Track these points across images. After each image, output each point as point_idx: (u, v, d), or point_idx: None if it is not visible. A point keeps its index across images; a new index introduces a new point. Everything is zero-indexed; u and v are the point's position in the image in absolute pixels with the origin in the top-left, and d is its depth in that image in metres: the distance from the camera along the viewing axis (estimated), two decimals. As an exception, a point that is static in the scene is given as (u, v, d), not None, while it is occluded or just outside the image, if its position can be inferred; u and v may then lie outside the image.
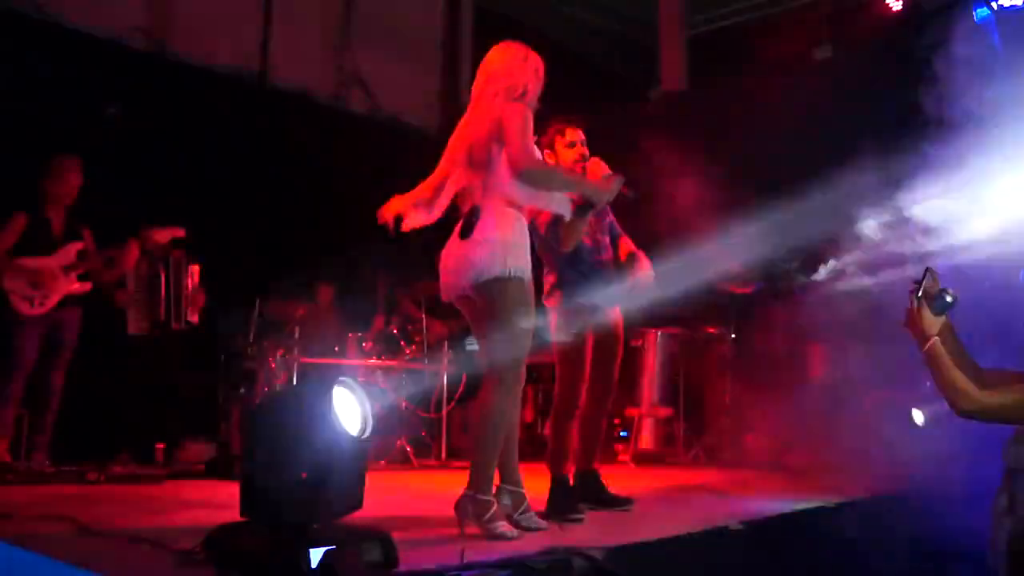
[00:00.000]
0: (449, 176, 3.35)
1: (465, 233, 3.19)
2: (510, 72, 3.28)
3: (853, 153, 5.32)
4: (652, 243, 4.36)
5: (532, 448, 6.12)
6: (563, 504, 3.71)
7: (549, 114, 3.59)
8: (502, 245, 3.13)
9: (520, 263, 3.16)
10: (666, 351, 7.39)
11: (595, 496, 4.03)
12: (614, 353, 4.11)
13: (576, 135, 4.09)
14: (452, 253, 3.24)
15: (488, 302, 3.17)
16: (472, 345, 6.67)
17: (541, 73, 3.35)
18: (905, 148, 4.57)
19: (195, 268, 6.15)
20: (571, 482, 3.95)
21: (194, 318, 6.11)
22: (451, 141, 3.40)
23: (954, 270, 2.56)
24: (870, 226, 5.10)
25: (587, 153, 4.07)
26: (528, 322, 3.19)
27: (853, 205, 5.27)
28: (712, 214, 6.06)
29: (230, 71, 7.17)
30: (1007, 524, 2.38)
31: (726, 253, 6.21)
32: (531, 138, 3.23)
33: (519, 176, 3.15)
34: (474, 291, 3.18)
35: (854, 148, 5.37)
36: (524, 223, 3.28)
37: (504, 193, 3.20)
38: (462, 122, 3.38)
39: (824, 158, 5.58)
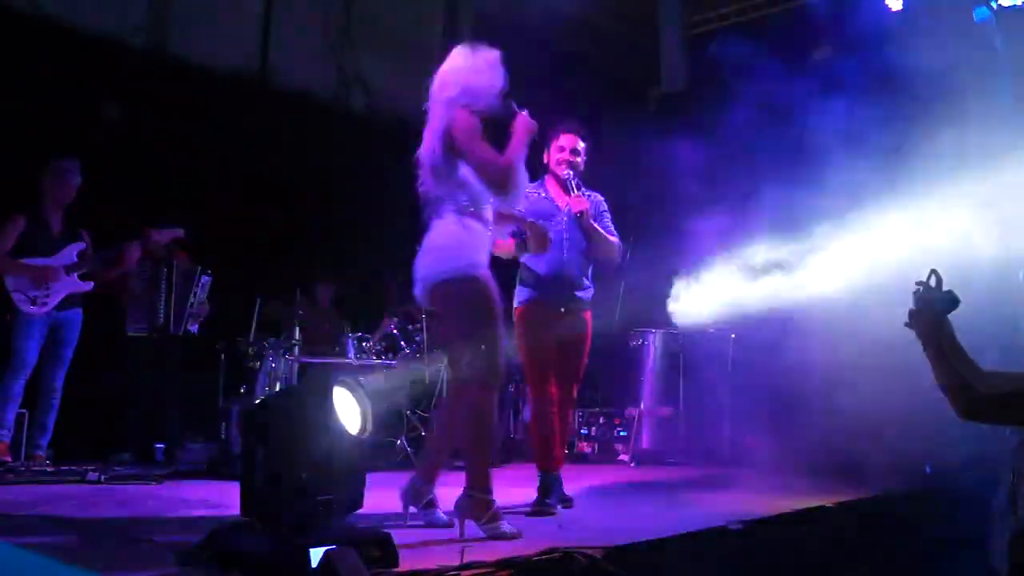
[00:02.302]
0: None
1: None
2: (458, 76, 3.25)
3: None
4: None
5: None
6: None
7: (550, 115, 3.58)
8: (442, 249, 3.17)
9: (463, 262, 3.16)
10: (666, 351, 7.38)
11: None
12: (576, 352, 4.18)
13: (570, 142, 4.11)
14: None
15: (441, 307, 3.23)
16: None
17: (499, 77, 3.29)
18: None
19: (207, 280, 6.14)
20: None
21: (195, 327, 6.11)
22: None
23: (956, 271, 2.55)
24: None
25: (577, 162, 4.11)
26: (489, 316, 3.14)
27: None
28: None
29: (230, 71, 7.16)
30: (1008, 524, 2.37)
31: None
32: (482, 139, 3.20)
33: (491, 186, 3.18)
34: (428, 300, 3.21)
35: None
36: (472, 224, 3.23)
37: (453, 200, 3.21)
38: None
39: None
